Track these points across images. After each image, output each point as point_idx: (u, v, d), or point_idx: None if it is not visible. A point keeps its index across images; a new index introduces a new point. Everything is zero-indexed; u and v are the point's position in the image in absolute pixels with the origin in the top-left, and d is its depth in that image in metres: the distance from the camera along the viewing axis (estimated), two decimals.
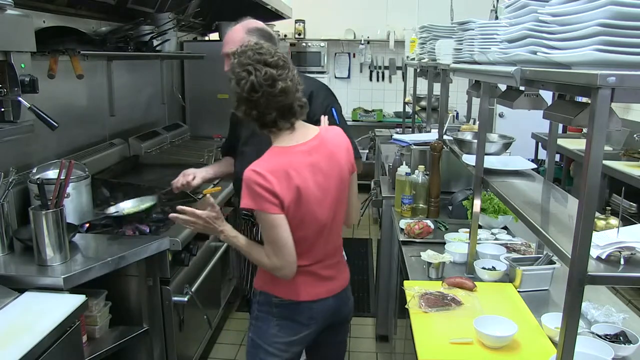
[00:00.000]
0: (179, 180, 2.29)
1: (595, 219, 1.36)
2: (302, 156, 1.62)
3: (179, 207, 1.73)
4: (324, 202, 1.65)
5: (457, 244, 2.23)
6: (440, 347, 1.56)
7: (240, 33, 2.02)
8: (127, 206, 2.43)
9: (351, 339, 3.27)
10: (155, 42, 3.24)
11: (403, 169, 2.77)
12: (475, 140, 2.02)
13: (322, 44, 6.56)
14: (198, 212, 1.70)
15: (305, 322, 1.74)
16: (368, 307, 3.70)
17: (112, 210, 2.38)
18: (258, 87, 1.53)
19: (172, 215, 1.73)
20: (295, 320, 1.73)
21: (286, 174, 1.57)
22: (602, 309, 1.70)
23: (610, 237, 1.16)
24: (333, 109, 2.14)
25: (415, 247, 2.33)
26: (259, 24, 2.11)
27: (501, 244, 2.23)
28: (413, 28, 4.60)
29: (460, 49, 2.21)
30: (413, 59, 4.10)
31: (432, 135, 3.11)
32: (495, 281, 1.98)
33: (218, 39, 4.51)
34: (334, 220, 1.70)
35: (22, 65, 1.79)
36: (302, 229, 1.63)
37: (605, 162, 3.28)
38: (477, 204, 2.00)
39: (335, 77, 6.89)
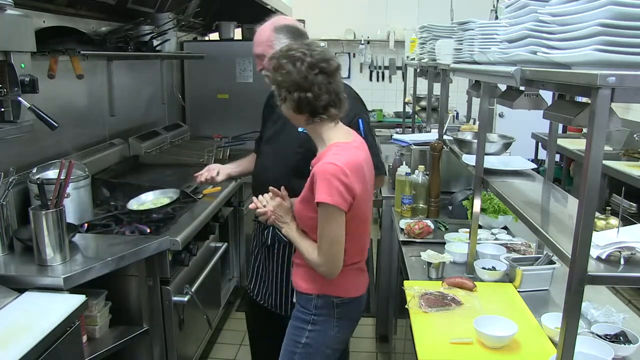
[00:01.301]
0: (203, 175, 2.30)
1: (595, 219, 1.36)
2: (359, 152, 1.65)
3: (254, 198, 1.78)
4: (371, 195, 1.72)
5: (457, 244, 2.23)
6: (440, 347, 1.56)
7: (267, 31, 1.97)
8: (149, 198, 2.45)
9: (351, 338, 3.27)
10: (155, 42, 3.24)
11: (403, 169, 2.77)
12: (475, 140, 2.02)
13: (322, 43, 6.51)
14: (269, 204, 1.74)
15: (358, 316, 1.81)
16: (368, 307, 3.69)
17: (133, 203, 2.39)
18: (316, 63, 1.54)
19: (251, 205, 1.78)
20: (351, 317, 1.78)
21: (358, 169, 1.59)
22: (602, 309, 1.70)
23: (610, 237, 1.16)
24: (360, 120, 1.98)
25: (415, 247, 2.33)
26: (288, 20, 2.04)
27: (501, 244, 2.22)
28: (413, 28, 4.60)
29: (460, 49, 2.21)
30: (413, 59, 4.10)
31: (432, 135, 3.11)
32: (495, 281, 1.98)
33: (218, 38, 4.51)
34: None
35: (22, 65, 1.79)
36: (364, 222, 1.69)
37: (605, 162, 3.27)
38: (477, 204, 2.00)
39: None
